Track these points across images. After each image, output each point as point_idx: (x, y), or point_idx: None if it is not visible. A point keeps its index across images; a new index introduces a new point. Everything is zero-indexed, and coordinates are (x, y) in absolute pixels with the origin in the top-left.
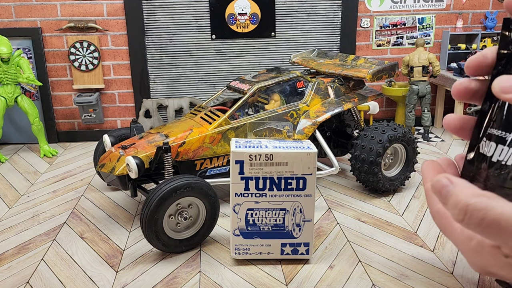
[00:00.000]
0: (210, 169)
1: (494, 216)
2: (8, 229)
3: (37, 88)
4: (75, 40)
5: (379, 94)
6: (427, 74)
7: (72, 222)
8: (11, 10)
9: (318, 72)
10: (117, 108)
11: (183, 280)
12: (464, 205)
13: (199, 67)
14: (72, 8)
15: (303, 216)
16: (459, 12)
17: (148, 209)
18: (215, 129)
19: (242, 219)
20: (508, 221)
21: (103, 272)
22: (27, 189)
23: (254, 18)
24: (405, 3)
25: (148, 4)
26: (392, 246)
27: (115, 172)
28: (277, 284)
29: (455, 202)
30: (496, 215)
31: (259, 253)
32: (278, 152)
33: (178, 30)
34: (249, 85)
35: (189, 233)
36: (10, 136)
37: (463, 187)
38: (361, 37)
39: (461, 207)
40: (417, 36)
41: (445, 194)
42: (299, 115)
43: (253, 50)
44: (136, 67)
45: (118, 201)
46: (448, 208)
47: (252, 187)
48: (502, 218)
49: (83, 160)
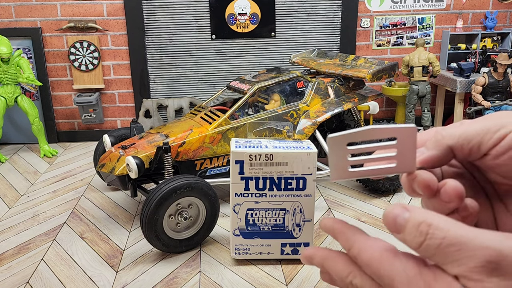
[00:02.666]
0: (210, 169)
1: (455, 235)
2: (8, 229)
3: (37, 88)
4: (75, 40)
5: (379, 94)
6: (427, 74)
7: (72, 222)
8: (11, 10)
9: (318, 72)
10: (117, 108)
11: (183, 280)
12: (426, 224)
13: (199, 67)
14: (72, 8)
15: (303, 216)
16: (459, 12)
17: (148, 209)
18: (215, 129)
19: (242, 219)
20: (469, 242)
21: (103, 272)
22: (27, 189)
23: (254, 18)
24: (405, 3)
25: (148, 4)
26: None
27: (115, 172)
28: (277, 284)
29: (416, 225)
30: (457, 234)
31: (259, 253)
32: (278, 152)
33: (178, 30)
34: (249, 85)
35: (189, 233)
36: (10, 136)
37: (421, 211)
38: (361, 37)
39: (422, 228)
40: (417, 36)
41: (401, 221)
42: (299, 115)
43: (253, 50)
44: (136, 67)
45: (118, 201)
46: (404, 235)
47: (252, 187)
48: (463, 238)
49: (83, 160)
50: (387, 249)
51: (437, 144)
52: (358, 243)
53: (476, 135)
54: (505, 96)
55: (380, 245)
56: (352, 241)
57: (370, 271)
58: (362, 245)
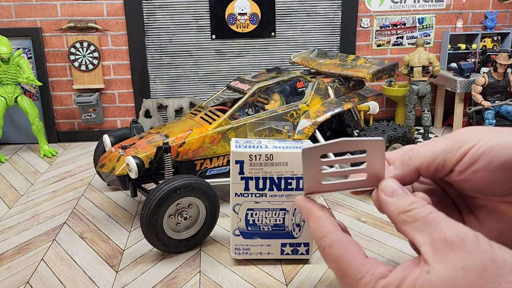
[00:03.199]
0: (210, 169)
1: (436, 215)
2: (8, 229)
3: (37, 88)
4: (75, 40)
5: (379, 94)
6: (427, 74)
7: (72, 222)
8: (11, 10)
9: (318, 72)
10: (117, 108)
11: (183, 280)
12: (419, 200)
13: (199, 67)
14: (72, 8)
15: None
16: (459, 12)
17: (148, 209)
18: (215, 129)
19: (242, 219)
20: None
21: (103, 272)
22: (27, 189)
23: (254, 18)
24: (405, 3)
25: (148, 4)
26: (392, 246)
27: (115, 172)
28: (277, 284)
29: (413, 198)
30: (436, 215)
31: (259, 253)
32: (278, 152)
33: (178, 30)
34: (249, 85)
35: (189, 233)
36: (10, 136)
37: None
38: (361, 37)
39: (415, 200)
40: (417, 36)
41: (400, 192)
42: (299, 115)
43: (253, 50)
44: (136, 67)
45: (118, 201)
46: (397, 200)
47: (252, 187)
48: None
49: (83, 160)
50: (356, 250)
51: (403, 164)
52: (331, 236)
53: (441, 153)
54: (505, 96)
55: (349, 245)
56: (327, 231)
57: (334, 266)
58: (335, 239)
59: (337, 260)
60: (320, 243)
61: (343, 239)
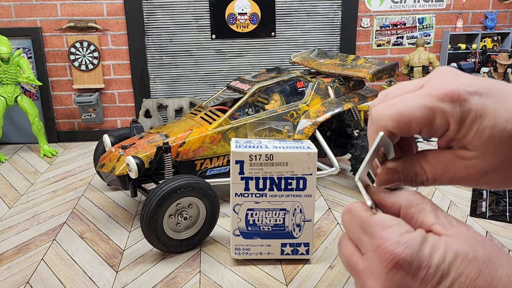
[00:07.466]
0: (210, 169)
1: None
2: (8, 229)
3: (37, 88)
4: (75, 40)
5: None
6: (427, 74)
7: (72, 222)
8: (11, 10)
9: (318, 72)
10: (117, 108)
11: (183, 280)
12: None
13: (199, 67)
14: (72, 8)
15: (303, 216)
16: (459, 12)
17: (148, 209)
18: (215, 129)
19: (242, 219)
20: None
21: (103, 272)
22: (27, 189)
23: (254, 18)
24: (405, 3)
25: (148, 4)
26: None
27: (115, 172)
28: (277, 284)
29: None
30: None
31: (259, 253)
32: (278, 152)
33: (178, 30)
34: (249, 85)
35: (189, 233)
36: (10, 136)
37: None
38: (361, 37)
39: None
40: (417, 36)
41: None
42: (299, 115)
43: (253, 50)
44: (136, 67)
45: (118, 201)
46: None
47: (252, 187)
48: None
49: (83, 160)
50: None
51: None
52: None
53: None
54: None
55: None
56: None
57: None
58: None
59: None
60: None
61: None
